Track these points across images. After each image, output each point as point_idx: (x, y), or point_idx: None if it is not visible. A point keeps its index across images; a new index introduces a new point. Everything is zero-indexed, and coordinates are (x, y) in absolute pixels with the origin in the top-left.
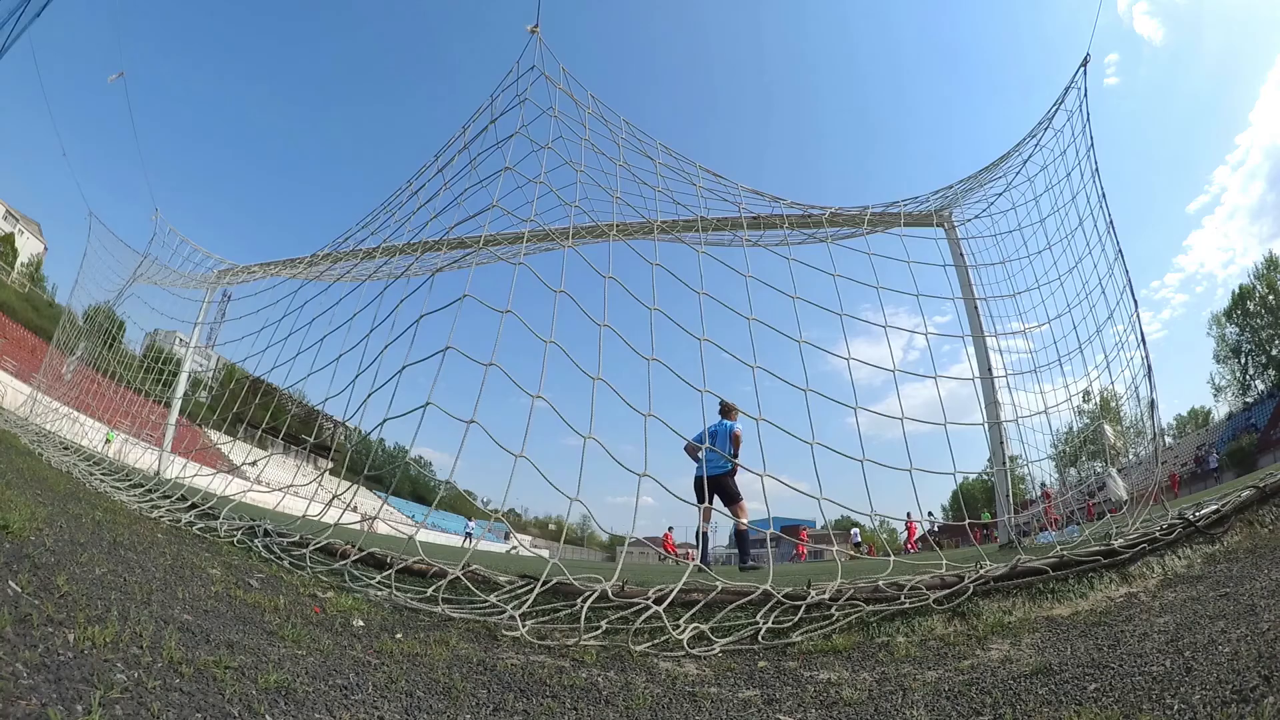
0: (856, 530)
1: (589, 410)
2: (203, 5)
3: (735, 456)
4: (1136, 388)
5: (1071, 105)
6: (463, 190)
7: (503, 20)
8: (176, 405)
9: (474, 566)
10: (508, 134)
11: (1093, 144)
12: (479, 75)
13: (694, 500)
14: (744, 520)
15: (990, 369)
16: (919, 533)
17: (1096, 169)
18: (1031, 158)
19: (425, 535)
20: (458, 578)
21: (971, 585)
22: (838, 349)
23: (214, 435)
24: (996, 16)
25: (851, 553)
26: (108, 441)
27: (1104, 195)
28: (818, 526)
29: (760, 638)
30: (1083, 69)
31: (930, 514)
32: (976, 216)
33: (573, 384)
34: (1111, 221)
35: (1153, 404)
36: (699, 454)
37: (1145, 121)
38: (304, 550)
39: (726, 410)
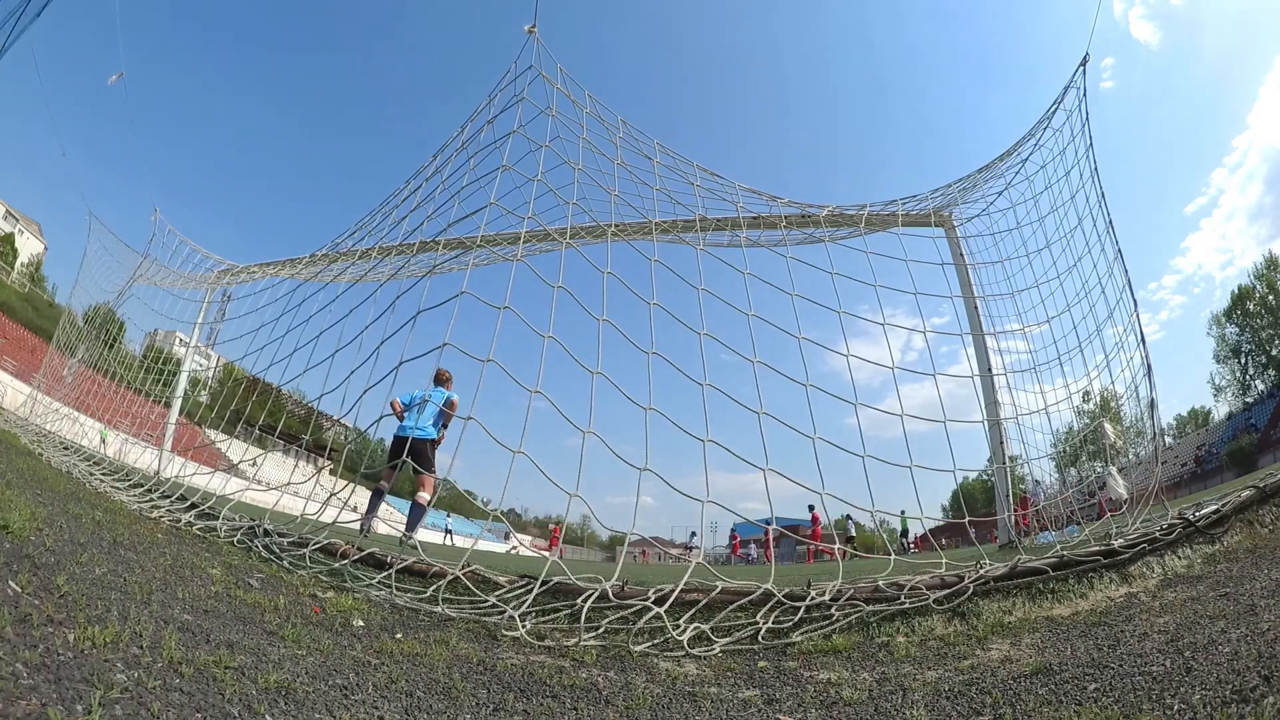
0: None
1: (588, 408)
2: (201, 13)
3: (445, 426)
4: (1136, 388)
5: (1070, 105)
6: (460, 189)
7: (506, 24)
8: (176, 405)
9: (474, 566)
10: (506, 134)
11: (1091, 143)
12: (480, 79)
13: None
14: (426, 495)
15: (990, 368)
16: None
17: (1095, 168)
18: (1030, 157)
19: (425, 535)
20: (458, 578)
21: (971, 585)
22: (837, 348)
23: (213, 434)
24: (994, 18)
25: (850, 550)
26: (102, 440)
27: (1103, 195)
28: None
29: (760, 638)
30: (1082, 69)
31: (848, 516)
32: (976, 216)
33: (572, 384)
34: (1111, 221)
35: (1153, 404)
36: (404, 414)
37: (1142, 125)
38: (304, 550)
39: (444, 379)
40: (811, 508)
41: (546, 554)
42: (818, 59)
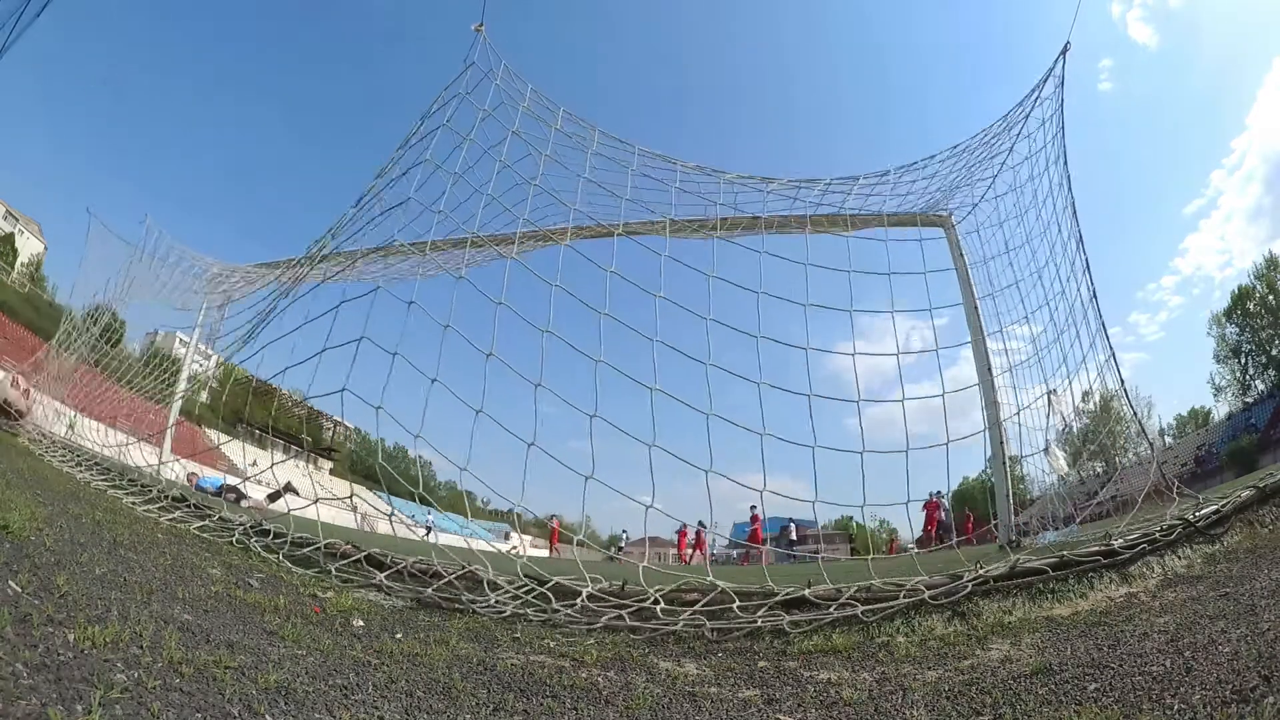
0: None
1: (583, 410)
2: (194, 17)
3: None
4: (1111, 381)
5: (1048, 94)
6: (428, 197)
7: (510, 26)
8: (176, 405)
9: (474, 566)
10: (466, 135)
11: (1062, 129)
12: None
13: None
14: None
15: (990, 368)
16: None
17: (1064, 155)
18: (1015, 148)
19: (410, 531)
20: (458, 578)
21: (971, 585)
22: (835, 346)
23: (213, 435)
24: (987, 20)
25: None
26: (70, 428)
27: (1069, 180)
28: (818, 527)
29: (760, 638)
30: (1062, 57)
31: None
32: (972, 214)
33: (577, 385)
34: (1074, 205)
35: (1133, 408)
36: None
37: (1140, 127)
38: (303, 550)
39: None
40: (753, 508)
41: (553, 552)
42: (822, 53)
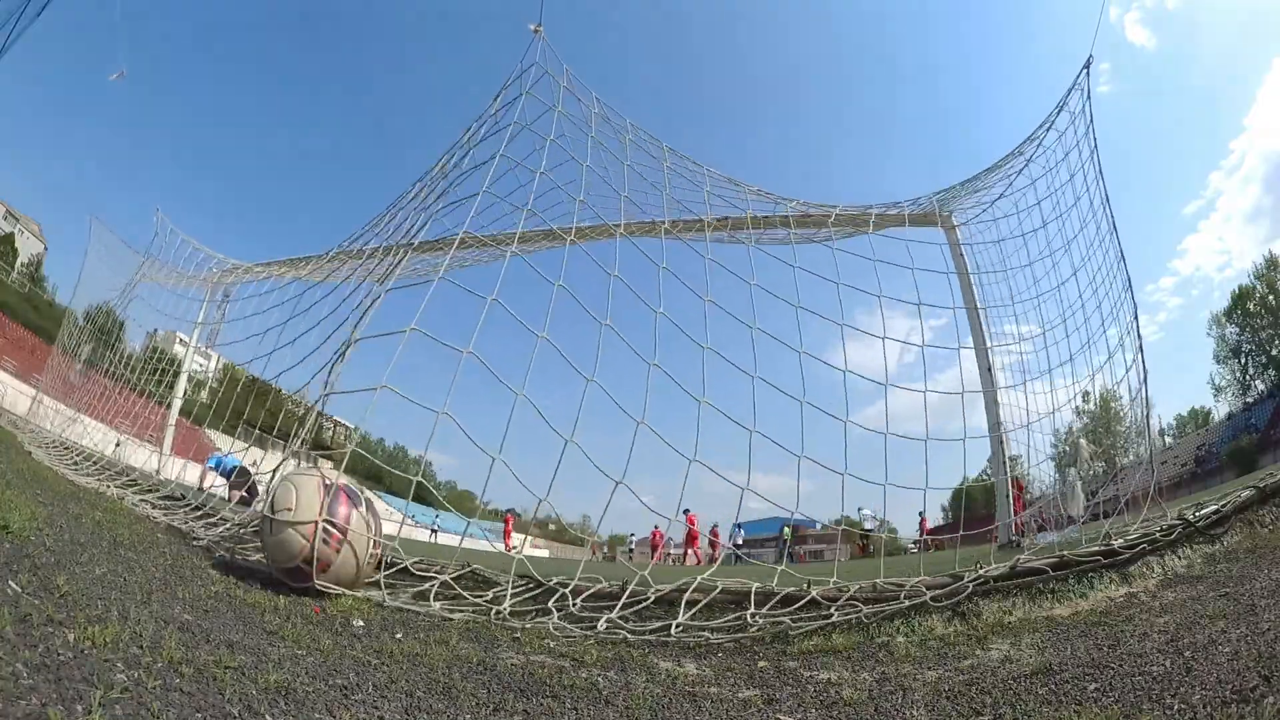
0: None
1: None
2: (194, 17)
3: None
4: (1130, 391)
5: (1074, 107)
6: (454, 185)
7: (518, 27)
8: (176, 405)
9: (473, 566)
10: (511, 134)
11: (1096, 146)
12: (493, 81)
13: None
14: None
15: (990, 369)
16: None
17: (1100, 172)
18: (1034, 159)
19: (422, 534)
20: (458, 578)
21: (971, 585)
22: (836, 351)
23: (213, 434)
24: (984, 21)
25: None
26: (118, 445)
27: (1107, 198)
28: (817, 527)
29: (760, 638)
30: (1085, 71)
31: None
32: (975, 219)
33: (563, 386)
34: (1114, 225)
35: (1146, 401)
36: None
37: (1139, 128)
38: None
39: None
40: (686, 511)
41: (505, 548)
42: (829, 57)
